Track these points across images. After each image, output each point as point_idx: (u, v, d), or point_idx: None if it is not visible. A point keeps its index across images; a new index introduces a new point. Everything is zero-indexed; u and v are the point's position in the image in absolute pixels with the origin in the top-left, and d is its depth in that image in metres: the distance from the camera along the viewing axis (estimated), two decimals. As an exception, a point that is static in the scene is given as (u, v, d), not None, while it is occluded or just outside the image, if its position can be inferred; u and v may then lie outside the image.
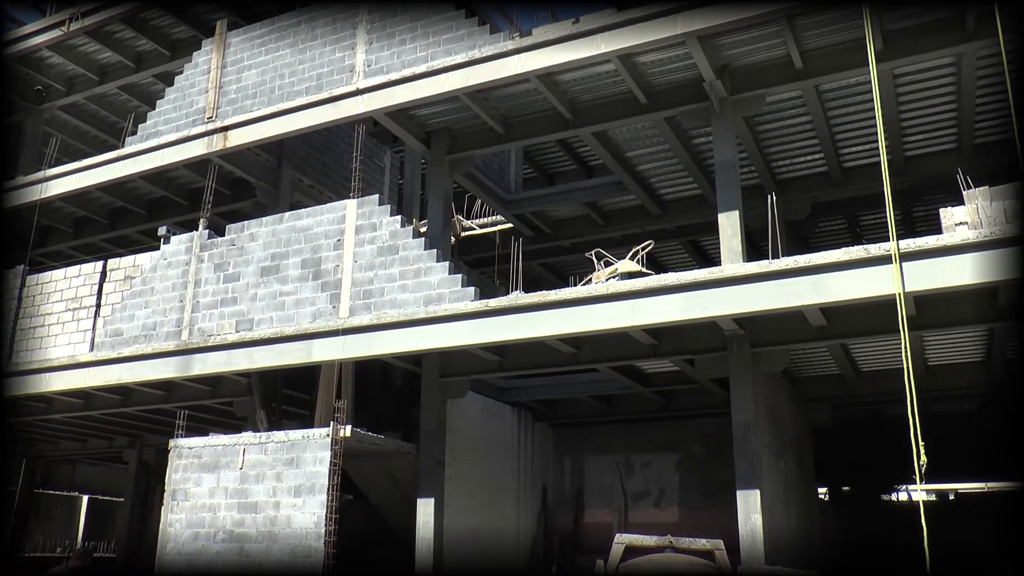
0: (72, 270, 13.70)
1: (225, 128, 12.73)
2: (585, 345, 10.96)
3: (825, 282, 8.35)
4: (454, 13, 11.29)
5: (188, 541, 11.02)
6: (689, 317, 9.00)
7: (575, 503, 15.66)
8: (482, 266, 16.68)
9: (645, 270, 10.11)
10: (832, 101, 11.20)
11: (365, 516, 13.28)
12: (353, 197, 11.51)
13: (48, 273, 14.03)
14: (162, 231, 13.08)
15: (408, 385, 13.74)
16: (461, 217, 15.83)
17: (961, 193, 8.24)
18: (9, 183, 15.30)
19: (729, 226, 9.74)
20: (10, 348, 13.66)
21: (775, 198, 10.23)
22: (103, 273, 13.31)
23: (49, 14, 16.24)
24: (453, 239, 14.92)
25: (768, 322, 9.88)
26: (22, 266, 14.30)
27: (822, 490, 18.29)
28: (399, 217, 11.09)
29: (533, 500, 15.00)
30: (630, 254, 10.69)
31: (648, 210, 14.58)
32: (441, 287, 10.36)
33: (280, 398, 13.55)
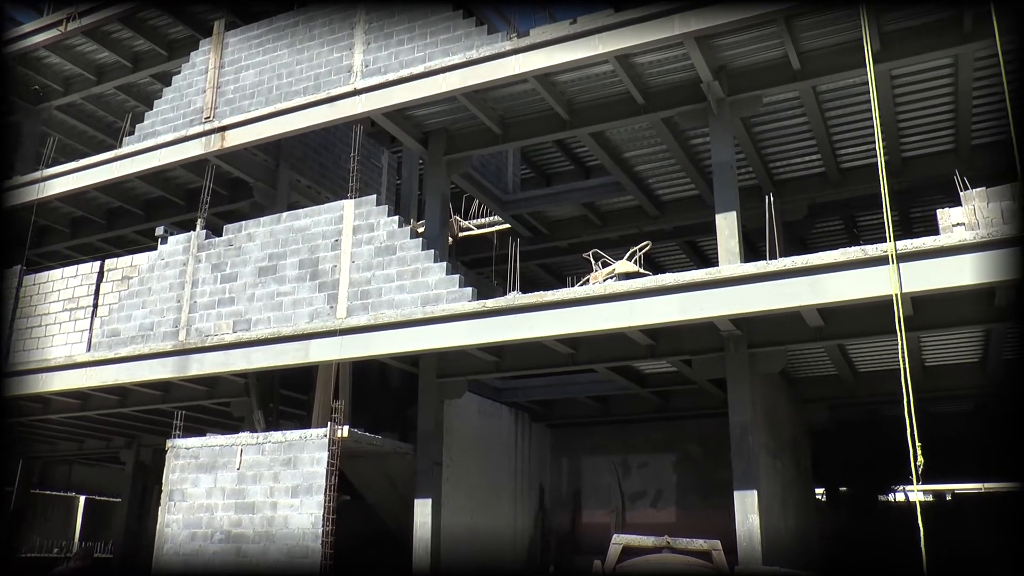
0: (69, 270, 13.69)
1: (223, 128, 12.72)
2: (582, 346, 10.97)
3: (822, 283, 8.36)
4: (452, 13, 11.29)
5: (185, 541, 11.02)
6: (686, 318, 9.02)
7: (572, 503, 15.64)
8: (479, 266, 16.69)
9: (642, 271, 10.11)
10: (829, 102, 11.21)
11: (362, 516, 13.29)
12: (351, 197, 11.51)
13: (45, 273, 14.02)
14: (159, 231, 13.06)
15: (405, 385, 13.73)
16: (459, 217, 15.85)
17: (958, 194, 8.24)
18: (6, 183, 15.27)
19: (726, 227, 9.75)
20: (7, 348, 13.64)
21: (772, 199, 10.26)
22: (100, 273, 13.30)
23: (46, 14, 16.22)
24: (451, 239, 14.94)
25: (765, 323, 9.89)
26: (19, 266, 14.28)
27: (819, 491, 18.32)
28: (397, 217, 11.09)
29: (530, 500, 14.99)
30: (627, 255, 10.70)
31: (646, 211, 14.59)
32: (439, 287, 10.36)
33: (277, 398, 13.56)
